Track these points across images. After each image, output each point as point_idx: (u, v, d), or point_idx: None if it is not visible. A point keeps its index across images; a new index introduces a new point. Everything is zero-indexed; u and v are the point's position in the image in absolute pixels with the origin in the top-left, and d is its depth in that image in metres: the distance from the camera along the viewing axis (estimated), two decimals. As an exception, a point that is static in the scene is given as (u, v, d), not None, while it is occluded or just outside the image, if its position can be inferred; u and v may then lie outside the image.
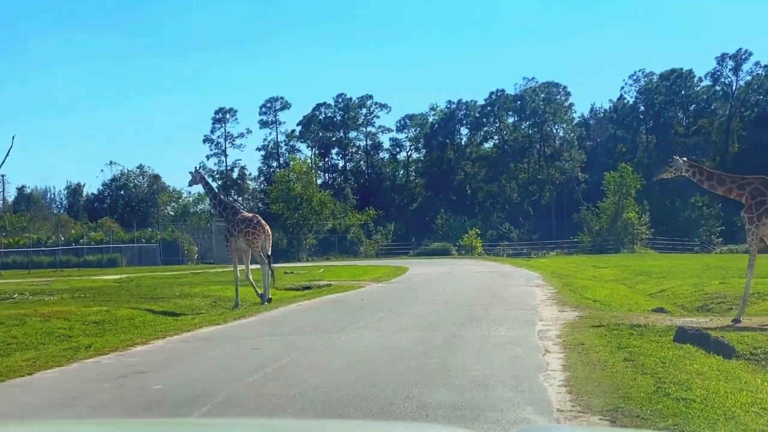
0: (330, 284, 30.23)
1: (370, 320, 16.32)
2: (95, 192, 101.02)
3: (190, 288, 26.44)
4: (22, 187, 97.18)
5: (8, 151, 27.69)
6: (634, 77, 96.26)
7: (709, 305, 20.81)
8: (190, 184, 24.76)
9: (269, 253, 22.70)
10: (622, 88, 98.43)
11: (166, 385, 9.05)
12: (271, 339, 13.37)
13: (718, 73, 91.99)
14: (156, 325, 17.18)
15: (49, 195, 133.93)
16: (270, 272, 22.34)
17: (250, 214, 22.93)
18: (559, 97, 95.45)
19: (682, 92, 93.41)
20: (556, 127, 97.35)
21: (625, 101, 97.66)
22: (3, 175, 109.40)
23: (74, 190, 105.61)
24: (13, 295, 25.05)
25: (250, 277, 23.01)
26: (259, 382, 8.98)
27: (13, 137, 27.99)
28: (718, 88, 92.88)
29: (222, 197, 23.81)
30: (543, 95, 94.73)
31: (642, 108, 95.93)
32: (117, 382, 9.53)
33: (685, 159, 16.76)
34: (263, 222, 22.64)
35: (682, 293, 24.81)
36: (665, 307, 19.52)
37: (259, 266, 23.19)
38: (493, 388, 8.47)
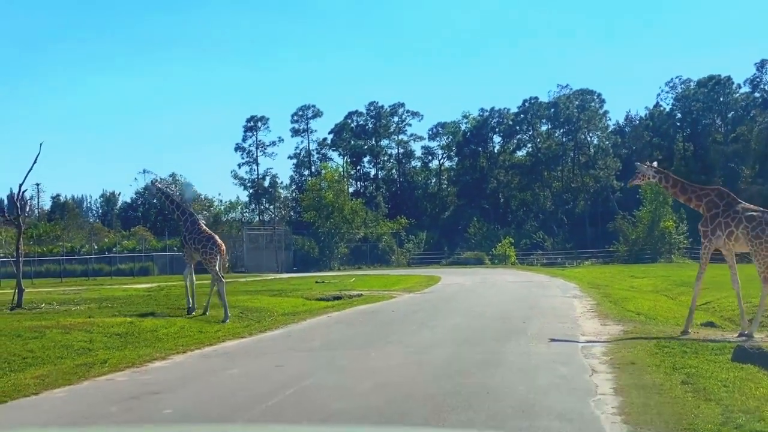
0: (361, 294, 29.42)
1: (402, 334, 15.48)
2: (128, 200, 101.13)
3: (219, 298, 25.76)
4: (57, 195, 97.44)
5: (35, 159, 26.80)
6: (671, 84, 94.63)
7: (760, 319, 19.68)
8: (151, 197, 24.74)
9: (221, 273, 21.96)
10: (659, 95, 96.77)
11: (178, 409, 8.30)
12: (296, 355, 12.58)
13: (758, 79, 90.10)
14: (179, 337, 16.47)
15: (85, 204, 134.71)
16: (220, 290, 21.30)
17: (208, 232, 22.46)
18: (593, 104, 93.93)
19: (721, 99, 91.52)
20: (590, 134, 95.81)
21: (662, 108, 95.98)
22: (38, 184, 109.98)
23: (108, 199, 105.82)
24: (41, 305, 24.56)
25: (187, 284, 22.50)
26: (278, 407, 8.19)
27: (41, 144, 27.20)
28: (757, 94, 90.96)
29: (181, 203, 23.57)
30: (577, 102, 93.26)
31: (679, 115, 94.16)
32: (126, 404, 8.78)
33: (654, 164, 16.90)
34: (219, 242, 22.23)
35: (728, 306, 23.69)
36: (714, 321, 18.48)
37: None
38: (538, 417, 7.60)
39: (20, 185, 26.21)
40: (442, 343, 13.82)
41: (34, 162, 25.94)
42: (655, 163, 17.00)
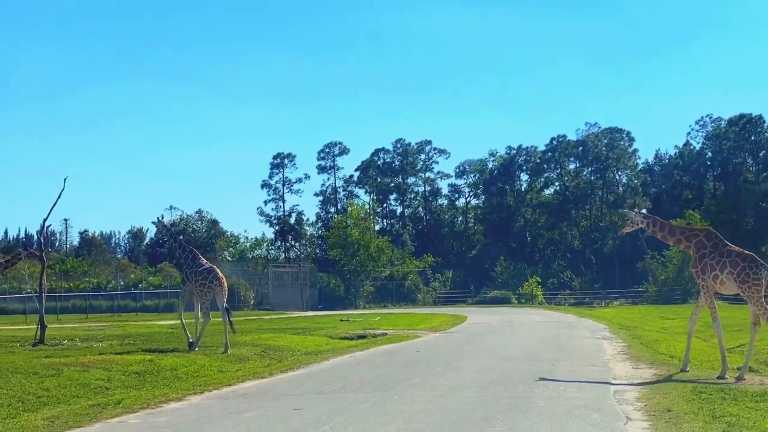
0: (386, 333, 28.91)
1: (426, 376, 14.98)
2: (155, 237, 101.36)
3: (241, 336, 25.40)
4: (85, 231, 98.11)
5: (60, 193, 26.74)
6: (701, 122, 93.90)
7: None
8: (156, 234, 25.15)
9: (225, 305, 21.99)
10: (689, 133, 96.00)
11: (188, 456, 7.86)
12: (317, 397, 12.12)
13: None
14: (199, 376, 16.08)
15: (113, 240, 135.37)
16: (229, 323, 21.41)
17: (208, 265, 22.35)
18: (622, 142, 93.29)
19: (752, 138, 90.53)
20: (619, 173, 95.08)
21: (692, 147, 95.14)
22: (66, 220, 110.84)
23: (135, 235, 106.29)
24: (63, 341, 24.35)
25: (182, 320, 22.62)
26: (294, 455, 7.74)
27: (65, 179, 27.17)
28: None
29: (182, 241, 24.13)
30: (606, 141, 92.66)
31: (709, 154, 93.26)
32: (135, 449, 8.37)
33: (643, 211, 17.31)
34: (220, 275, 22.15)
35: (764, 349, 22.94)
36: (751, 366, 17.78)
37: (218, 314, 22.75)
38: (570, 470, 7.09)
39: (44, 220, 26.05)
40: (467, 386, 13.31)
41: (59, 197, 25.91)
42: (644, 210, 17.34)
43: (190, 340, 21.57)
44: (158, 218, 24.91)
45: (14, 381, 13.94)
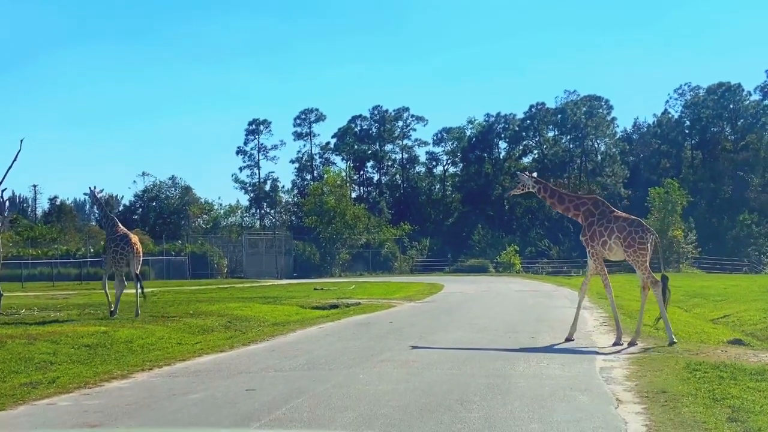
0: (359, 303, 27.86)
1: (398, 350, 13.90)
2: (127, 203, 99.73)
3: (209, 305, 24.29)
4: (54, 197, 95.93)
5: (16, 156, 25.42)
6: (680, 91, 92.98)
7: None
8: (91, 204, 25.04)
9: (137, 272, 21.46)
10: (667, 102, 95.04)
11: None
12: (275, 376, 11.00)
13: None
14: (154, 350, 14.97)
15: (87, 207, 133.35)
16: (140, 289, 21.07)
17: (123, 231, 21.96)
18: (601, 110, 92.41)
19: (731, 106, 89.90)
20: (597, 141, 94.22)
21: (670, 116, 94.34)
22: (35, 186, 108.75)
23: (107, 201, 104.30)
24: (20, 311, 23.14)
25: (106, 289, 22.10)
26: (236, 448, 6.63)
27: (21, 141, 25.84)
28: (767, 102, 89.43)
29: (108, 212, 23.95)
30: (585, 109, 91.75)
31: (687, 123, 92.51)
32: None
33: (534, 175, 17.05)
34: (133, 240, 21.71)
35: (749, 319, 22.16)
36: (741, 338, 16.91)
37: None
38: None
39: (-2, 184, 24.64)
40: (441, 362, 12.25)
41: (15, 159, 24.59)
42: (535, 174, 17.17)
43: (111, 309, 21.01)
44: (90, 188, 24.01)
45: (-53, 355, 12.76)
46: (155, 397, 9.49)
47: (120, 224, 22.56)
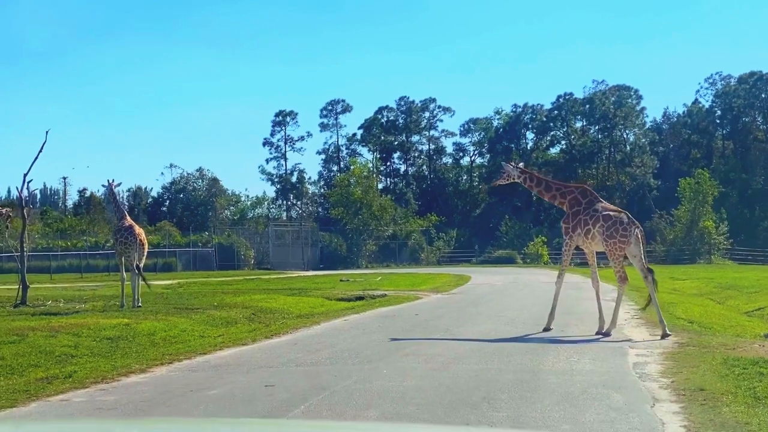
0: (385, 294, 27.51)
1: (423, 344, 13.53)
2: (155, 195, 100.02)
3: (233, 297, 24.05)
4: (83, 189, 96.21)
5: (42, 147, 25.37)
6: (711, 80, 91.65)
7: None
8: (106, 196, 25.06)
9: (140, 264, 21.56)
10: (698, 91, 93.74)
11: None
12: (295, 371, 10.68)
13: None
14: (175, 343, 14.70)
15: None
16: (140, 278, 21.40)
17: (129, 223, 21.90)
18: (630, 100, 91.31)
19: (762, 95, 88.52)
20: (626, 131, 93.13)
21: (701, 105, 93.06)
22: (65, 178, 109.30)
23: (135, 193, 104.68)
24: (46, 302, 23.07)
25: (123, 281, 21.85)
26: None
27: (47, 132, 25.81)
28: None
29: (119, 205, 24.35)
30: (613, 99, 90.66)
31: (719, 112, 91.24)
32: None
33: (521, 165, 17.25)
34: (137, 231, 21.76)
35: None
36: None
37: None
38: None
39: (24, 175, 24.52)
40: (467, 356, 11.87)
41: (40, 151, 24.62)
42: (521, 164, 17.40)
43: (131, 301, 21.18)
44: (108, 181, 24.23)
45: (-34, 348, 12.53)
46: (171, 393, 9.20)
47: (128, 216, 22.58)
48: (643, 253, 16.10)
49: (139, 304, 20.87)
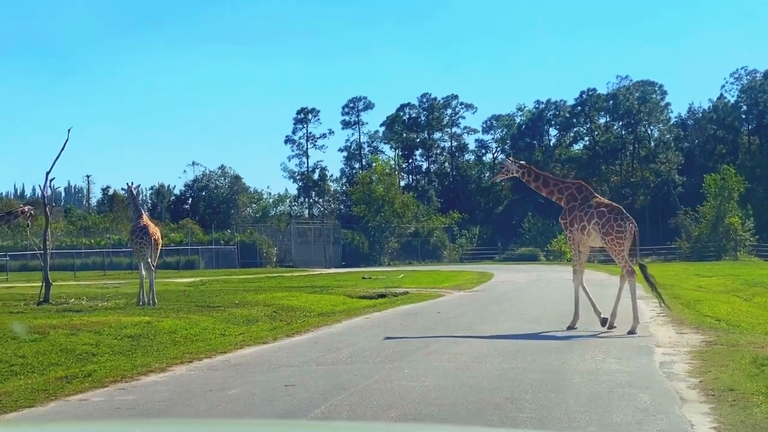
0: (407, 292, 27.37)
1: (445, 343, 13.36)
2: (177, 193, 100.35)
3: (255, 295, 23.97)
4: (107, 187, 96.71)
5: (64, 145, 25.42)
6: (736, 75, 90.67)
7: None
8: (132, 199, 25.38)
9: (153, 263, 21.59)
10: (723, 86, 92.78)
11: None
12: (316, 369, 10.56)
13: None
14: (196, 341, 14.62)
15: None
16: (150, 280, 21.29)
17: (144, 222, 21.97)
18: (654, 96, 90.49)
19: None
20: (651, 127, 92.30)
21: (726, 101, 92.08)
22: (89, 176, 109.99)
23: (158, 191, 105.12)
24: (69, 300, 23.11)
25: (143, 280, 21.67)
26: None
27: (69, 130, 25.86)
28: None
29: (139, 206, 24.38)
30: (637, 94, 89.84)
31: (744, 107, 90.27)
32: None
33: (522, 162, 17.42)
34: (152, 230, 21.77)
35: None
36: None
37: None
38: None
39: (47, 173, 24.61)
40: (490, 355, 11.70)
41: (62, 149, 24.66)
42: (523, 161, 17.52)
43: (145, 299, 21.25)
44: (128, 184, 24.78)
45: (-13, 347, 12.48)
46: (191, 392, 9.09)
47: (144, 216, 22.73)
48: (636, 250, 16.32)
49: (155, 302, 20.89)
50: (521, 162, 17.30)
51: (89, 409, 8.33)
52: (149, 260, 21.24)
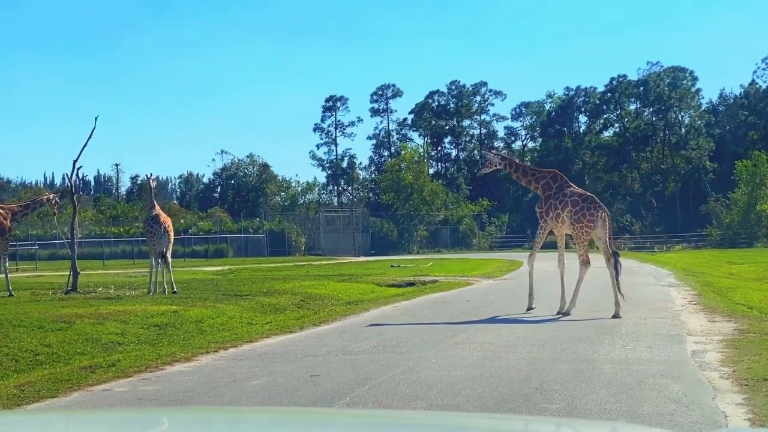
0: (436, 280, 27.22)
1: (473, 332, 13.21)
2: (206, 181, 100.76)
3: (283, 283, 23.89)
4: (135, 176, 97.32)
5: (91, 133, 25.44)
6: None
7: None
8: (149, 191, 25.37)
9: (165, 252, 21.43)
10: (755, 72, 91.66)
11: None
12: (342, 359, 10.45)
13: None
14: (223, 330, 14.58)
15: (170, 185, 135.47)
16: (165, 269, 21.55)
17: (156, 212, 22.06)
18: (685, 82, 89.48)
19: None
20: (681, 114, 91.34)
21: (758, 86, 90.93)
22: (117, 165, 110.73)
23: (187, 180, 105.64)
24: (96, 289, 23.17)
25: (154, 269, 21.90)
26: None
27: (96, 118, 25.87)
28: None
29: (152, 198, 23.94)
30: (668, 80, 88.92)
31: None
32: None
33: (504, 152, 16.86)
34: (163, 219, 21.81)
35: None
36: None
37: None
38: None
39: (74, 161, 24.59)
40: (519, 344, 11.54)
41: (89, 137, 24.64)
42: (504, 152, 17.37)
43: (158, 289, 21.35)
44: (147, 176, 24.74)
45: (14, 335, 12.43)
46: (215, 382, 9.02)
47: (157, 206, 22.71)
48: (608, 236, 16.76)
49: (175, 290, 20.89)
50: (502, 154, 17.86)
51: (112, 399, 8.27)
52: (163, 249, 21.20)
